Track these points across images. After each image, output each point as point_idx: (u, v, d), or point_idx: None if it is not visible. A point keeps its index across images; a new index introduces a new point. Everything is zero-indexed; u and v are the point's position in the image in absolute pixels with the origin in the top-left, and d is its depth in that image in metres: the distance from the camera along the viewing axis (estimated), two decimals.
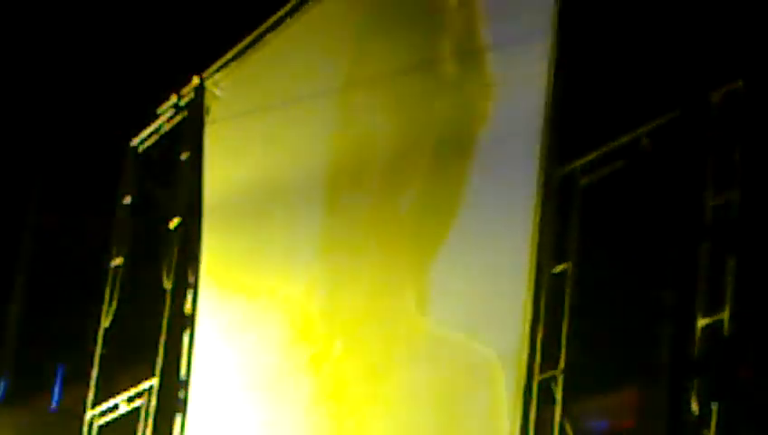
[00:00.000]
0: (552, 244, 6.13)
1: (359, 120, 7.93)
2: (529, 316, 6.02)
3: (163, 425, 9.16)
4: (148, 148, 10.27)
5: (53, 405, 13.94)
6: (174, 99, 9.85)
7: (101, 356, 10.22)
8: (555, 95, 6.23)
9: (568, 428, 5.97)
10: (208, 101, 9.50)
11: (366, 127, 7.84)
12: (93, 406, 10.10)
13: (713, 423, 5.67)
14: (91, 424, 10.06)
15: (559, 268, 6.14)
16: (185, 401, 9.01)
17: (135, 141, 10.35)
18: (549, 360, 6.02)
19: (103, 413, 10.01)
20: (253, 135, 9.11)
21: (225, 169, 9.33)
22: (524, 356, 6.01)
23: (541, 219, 6.15)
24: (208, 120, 9.51)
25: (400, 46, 7.63)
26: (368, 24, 8.07)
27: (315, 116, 8.30)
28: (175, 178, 9.93)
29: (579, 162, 6.26)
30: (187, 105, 9.71)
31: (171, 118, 9.93)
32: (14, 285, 12.76)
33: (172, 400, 9.12)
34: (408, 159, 7.35)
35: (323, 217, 8.02)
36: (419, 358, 6.85)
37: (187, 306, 9.26)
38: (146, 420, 9.33)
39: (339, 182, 7.94)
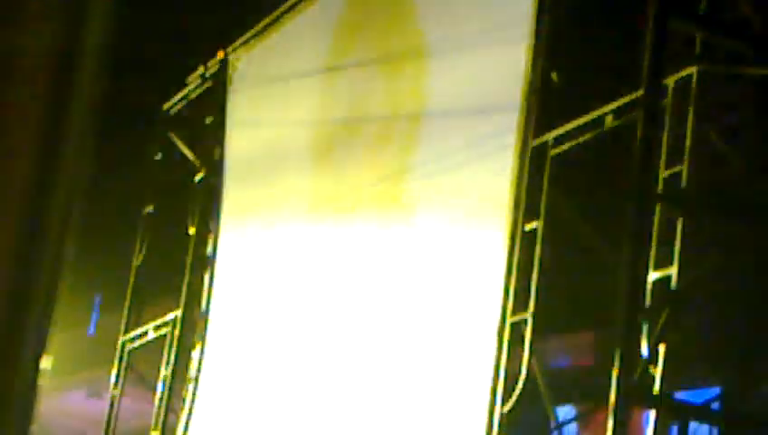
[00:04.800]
0: (526, 204, 6.11)
1: (346, 97, 7.99)
2: (505, 267, 5.99)
3: (185, 350, 9.19)
4: (178, 111, 10.27)
5: (91, 330, 13.98)
6: (201, 70, 9.85)
7: (133, 289, 10.23)
8: (533, 76, 6.19)
9: (534, 363, 5.97)
10: (231, 72, 9.49)
11: (352, 102, 7.89)
12: (125, 332, 10.12)
13: (660, 362, 5.69)
14: (122, 348, 10.09)
15: (531, 226, 6.12)
16: (204, 331, 9.03)
17: (166, 105, 10.33)
18: (520, 305, 6.01)
19: (133, 339, 10.03)
20: (267, 103, 9.10)
21: (243, 131, 9.33)
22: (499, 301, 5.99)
23: (517, 183, 6.12)
24: (231, 88, 9.50)
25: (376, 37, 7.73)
26: (353, 15, 8.10)
27: (317, 89, 8.31)
28: (200, 137, 9.92)
29: (551, 134, 6.23)
30: (213, 75, 9.70)
31: (198, 86, 9.92)
32: None
33: (194, 329, 9.14)
34: (389, 128, 7.37)
35: (313, 177, 8.07)
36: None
37: (209, 249, 9.28)
38: (170, 345, 9.35)
39: (328, 147, 7.99)
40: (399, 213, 7.11)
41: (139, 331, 9.96)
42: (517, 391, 5.89)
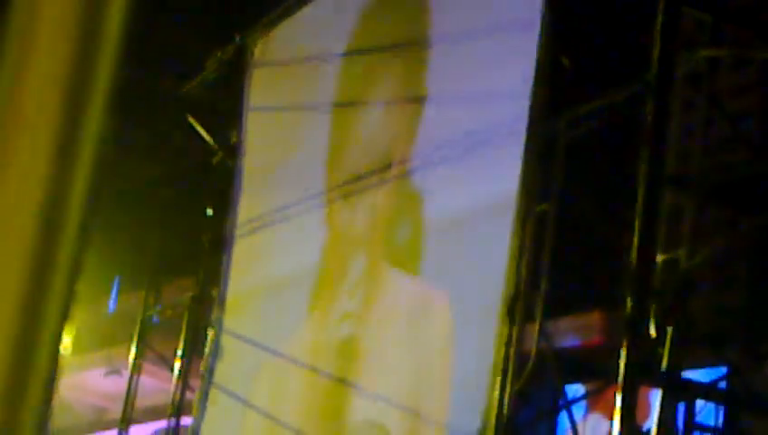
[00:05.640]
0: (536, 187, 6.11)
1: (361, 82, 8.01)
2: (515, 250, 5.99)
3: (202, 330, 9.21)
4: (196, 95, 10.25)
5: (110, 309, 14.02)
6: (219, 54, 9.84)
7: (152, 269, 10.27)
8: (543, 63, 6.17)
9: (545, 343, 5.98)
10: (249, 56, 9.49)
11: (367, 88, 7.92)
12: (144, 311, 10.15)
13: (667, 343, 5.69)
14: (141, 327, 10.13)
15: (541, 208, 6.12)
16: (222, 311, 9.05)
17: (185, 89, 10.32)
18: (531, 285, 6.01)
19: (152, 318, 10.07)
20: (284, 87, 9.11)
21: (261, 114, 9.33)
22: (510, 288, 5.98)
23: (528, 166, 6.11)
24: (248, 72, 9.50)
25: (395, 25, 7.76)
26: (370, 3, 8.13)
27: (334, 74, 8.34)
28: (218, 120, 9.93)
29: (562, 119, 6.22)
30: (231, 59, 9.70)
31: (216, 70, 9.92)
32: None
33: (211, 308, 9.16)
34: (403, 112, 7.41)
35: (328, 161, 8.12)
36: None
37: (226, 230, 9.28)
38: (188, 325, 9.38)
39: (344, 131, 8.05)
40: (412, 197, 7.12)
41: (157, 310, 10.00)
42: (528, 370, 5.90)
